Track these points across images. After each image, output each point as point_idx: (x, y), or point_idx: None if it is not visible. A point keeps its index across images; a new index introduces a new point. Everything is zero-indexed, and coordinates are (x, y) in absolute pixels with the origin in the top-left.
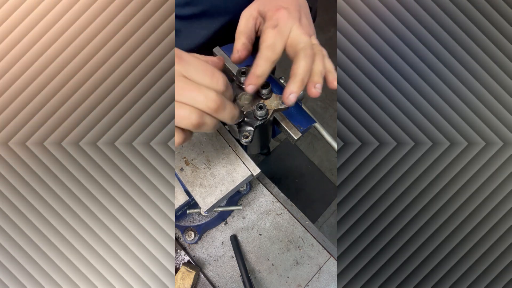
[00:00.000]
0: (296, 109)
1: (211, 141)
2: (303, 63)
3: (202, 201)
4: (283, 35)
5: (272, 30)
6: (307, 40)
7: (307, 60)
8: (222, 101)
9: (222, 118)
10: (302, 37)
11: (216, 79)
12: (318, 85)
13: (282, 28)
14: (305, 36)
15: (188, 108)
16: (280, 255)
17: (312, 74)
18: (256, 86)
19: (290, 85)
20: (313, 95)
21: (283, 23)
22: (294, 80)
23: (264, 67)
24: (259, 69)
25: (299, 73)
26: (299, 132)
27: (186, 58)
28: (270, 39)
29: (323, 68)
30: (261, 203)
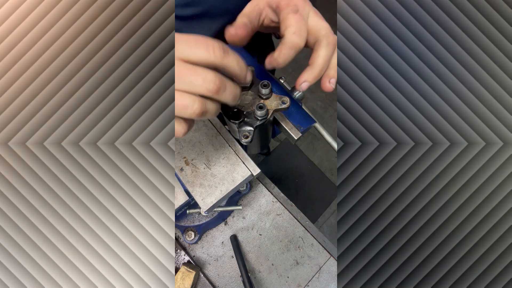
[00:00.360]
0: (296, 109)
1: (211, 141)
2: (325, 52)
3: (202, 201)
4: (305, 20)
5: (294, 16)
6: (327, 26)
7: (329, 49)
8: (222, 80)
9: (224, 99)
10: (322, 23)
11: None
12: (333, 80)
13: (303, 12)
14: (324, 22)
15: (190, 97)
16: (280, 255)
17: (330, 67)
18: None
19: (306, 73)
20: (326, 90)
21: (302, 8)
22: (312, 69)
23: (288, 55)
24: (283, 57)
25: (319, 63)
26: (299, 132)
27: (179, 38)
28: (295, 24)
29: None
30: (261, 203)
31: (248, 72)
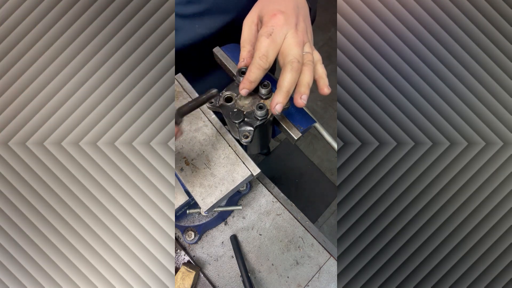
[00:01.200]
0: (296, 109)
1: (211, 141)
2: (289, 76)
3: (202, 201)
4: (276, 43)
5: (266, 39)
6: (296, 52)
7: (293, 73)
8: None
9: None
10: (293, 48)
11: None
12: (304, 96)
13: (275, 36)
14: (296, 48)
15: None
16: (280, 255)
17: (299, 85)
18: (249, 90)
19: (275, 96)
20: (298, 105)
21: (278, 30)
22: (279, 91)
23: (257, 74)
24: (252, 75)
25: (284, 85)
26: (299, 132)
27: None
28: (263, 48)
29: (311, 79)
30: (261, 203)
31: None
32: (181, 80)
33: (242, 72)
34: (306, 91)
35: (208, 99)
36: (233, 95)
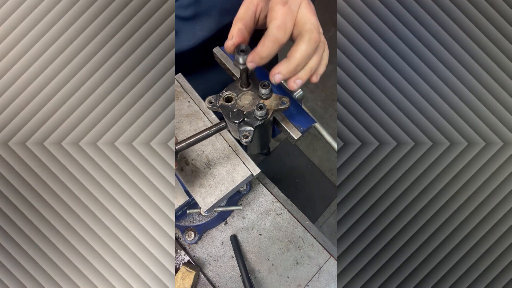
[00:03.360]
0: (296, 109)
1: (211, 141)
2: (305, 47)
3: (202, 201)
4: (293, 13)
5: (282, 7)
6: (314, 21)
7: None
8: None
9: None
10: (310, 17)
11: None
12: (298, 81)
13: (292, 5)
14: (313, 17)
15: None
16: (280, 255)
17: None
18: (257, 65)
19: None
20: (290, 88)
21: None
22: (288, 62)
23: (271, 49)
24: (265, 50)
25: (297, 57)
26: (299, 132)
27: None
28: (281, 17)
29: (315, 65)
30: (261, 203)
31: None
32: (181, 80)
33: (241, 50)
34: (304, 76)
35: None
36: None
